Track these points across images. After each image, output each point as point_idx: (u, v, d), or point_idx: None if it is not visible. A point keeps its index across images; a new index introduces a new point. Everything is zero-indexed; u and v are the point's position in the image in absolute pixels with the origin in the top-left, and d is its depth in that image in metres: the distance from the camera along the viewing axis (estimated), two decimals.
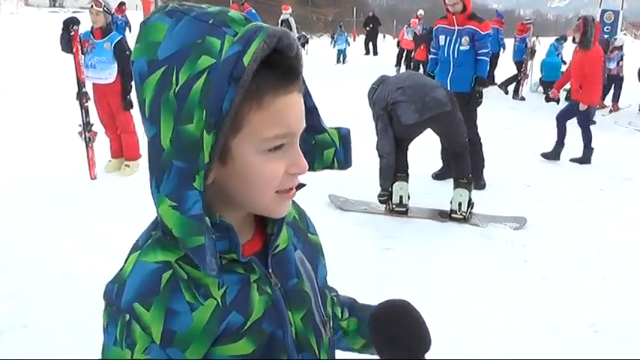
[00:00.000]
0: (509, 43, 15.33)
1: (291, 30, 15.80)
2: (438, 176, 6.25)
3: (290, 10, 17.79)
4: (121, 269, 0.85)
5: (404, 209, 5.09)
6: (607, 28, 14.67)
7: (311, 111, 0.93)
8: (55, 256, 4.01)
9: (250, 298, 0.86)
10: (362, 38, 36.82)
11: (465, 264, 4.23)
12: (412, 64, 16.26)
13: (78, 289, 3.57)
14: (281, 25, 16.29)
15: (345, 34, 22.47)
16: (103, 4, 5.66)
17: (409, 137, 5.03)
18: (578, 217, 5.39)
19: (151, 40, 0.76)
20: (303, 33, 14.91)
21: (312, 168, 0.95)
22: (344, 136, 0.98)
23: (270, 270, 0.91)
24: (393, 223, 4.95)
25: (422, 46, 14.42)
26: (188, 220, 0.75)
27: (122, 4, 16.49)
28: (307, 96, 0.92)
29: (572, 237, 4.88)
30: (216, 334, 0.82)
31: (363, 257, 4.25)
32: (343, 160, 0.98)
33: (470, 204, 5.04)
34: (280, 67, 0.78)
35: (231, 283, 0.85)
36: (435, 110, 4.71)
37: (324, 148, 0.97)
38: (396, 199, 5.06)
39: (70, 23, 5.45)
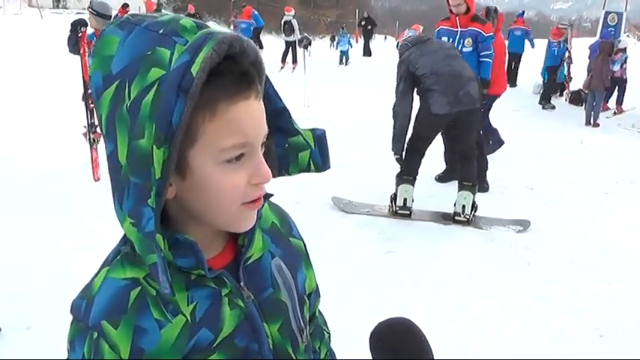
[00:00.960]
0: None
1: (293, 32, 15.88)
2: (441, 178, 6.24)
3: (293, 12, 17.76)
4: (89, 283, 0.86)
5: (407, 212, 5.08)
6: (610, 30, 14.64)
7: (281, 113, 0.91)
8: (57, 256, 4.01)
9: (221, 314, 0.85)
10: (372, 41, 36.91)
11: (468, 267, 4.22)
12: None
13: (81, 289, 3.57)
14: (284, 26, 16.32)
15: (348, 35, 22.42)
16: (96, 7, 5.69)
17: (431, 132, 5.06)
18: (581, 220, 5.38)
19: (105, 53, 0.75)
20: (306, 34, 14.82)
21: (287, 172, 0.94)
22: (319, 137, 0.94)
23: (242, 283, 0.88)
24: (396, 225, 4.94)
25: None
26: (144, 237, 0.74)
27: (126, 5, 16.54)
28: (276, 98, 0.90)
29: (576, 240, 4.87)
30: (184, 351, 0.81)
31: (365, 260, 4.24)
32: (320, 162, 0.94)
33: (474, 207, 5.02)
34: (232, 74, 0.75)
35: (201, 299, 0.83)
36: (465, 106, 4.79)
37: (299, 150, 0.93)
38: (400, 202, 5.06)
39: (78, 25, 5.46)
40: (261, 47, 17.45)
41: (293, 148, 0.93)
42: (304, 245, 1.07)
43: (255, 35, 17.53)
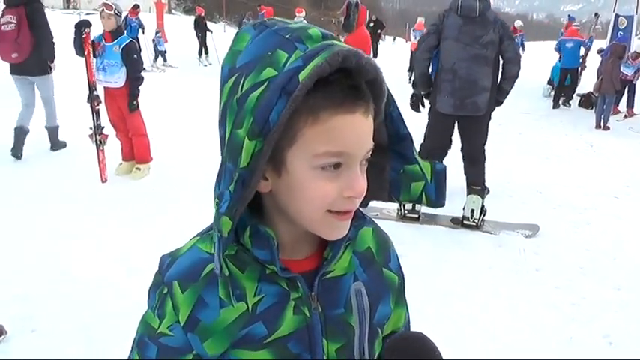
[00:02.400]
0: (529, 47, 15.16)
1: None
2: None
3: (303, 13, 17.79)
4: (181, 246, 0.92)
5: (416, 216, 5.06)
6: (620, 34, 14.53)
7: (404, 139, 0.91)
8: (62, 258, 4.01)
9: (282, 315, 0.86)
10: (381, 43, 36.43)
11: (477, 272, 4.19)
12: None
13: (86, 291, 3.57)
14: None
15: None
16: (114, 7, 5.66)
17: (438, 130, 5.05)
18: (591, 225, 5.34)
19: (236, 49, 0.80)
20: None
21: (398, 199, 0.94)
22: (438, 172, 0.94)
23: (313, 293, 0.89)
24: (405, 229, 4.91)
25: None
26: (217, 217, 0.78)
27: (136, 6, 16.58)
28: (400, 123, 0.90)
29: (586, 245, 4.82)
30: (236, 337, 0.84)
31: None
32: (434, 198, 0.94)
33: (482, 211, 4.99)
34: (340, 86, 0.76)
35: (269, 294, 0.85)
36: (467, 112, 4.86)
37: (413, 180, 0.93)
38: (408, 206, 5.03)
39: (82, 26, 5.46)
40: None
41: (408, 177, 0.93)
42: (399, 281, 1.06)
43: None
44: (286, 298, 0.86)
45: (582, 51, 13.16)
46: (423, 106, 5.50)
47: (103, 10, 5.63)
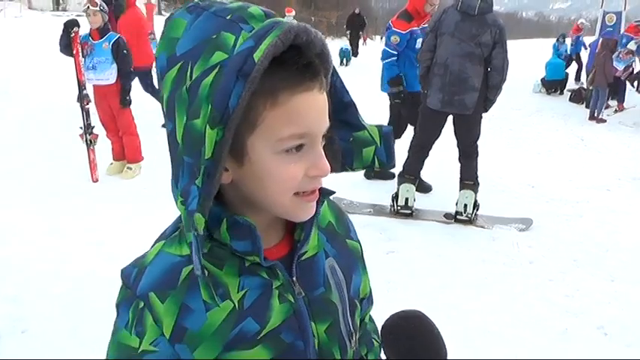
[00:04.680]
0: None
1: None
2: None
3: (293, 13, 17.76)
4: (143, 255, 0.86)
5: (409, 211, 5.04)
6: (609, 30, 14.60)
7: (348, 106, 0.90)
8: (53, 258, 3.97)
9: (270, 306, 0.84)
10: (370, 42, 36.25)
11: (471, 266, 4.18)
12: None
13: (77, 291, 3.54)
14: None
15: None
16: (99, 3, 5.62)
17: (429, 125, 5.02)
18: (584, 218, 5.34)
19: (172, 35, 0.76)
20: None
21: (351, 167, 0.93)
22: (385, 133, 0.93)
23: (294, 278, 0.88)
24: (398, 225, 4.89)
25: None
26: (187, 215, 0.73)
27: None
28: (343, 91, 0.89)
29: (579, 238, 4.83)
30: (228, 338, 0.80)
31: (367, 260, 4.12)
32: (385, 159, 0.93)
33: (475, 205, 4.98)
34: (296, 64, 0.74)
35: (252, 288, 0.83)
36: (455, 110, 4.83)
37: (363, 145, 0.92)
38: (401, 201, 5.02)
39: (70, 25, 5.42)
40: None
41: (358, 143, 0.92)
42: (361, 248, 1.07)
43: None
44: (270, 288, 0.84)
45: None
46: (405, 98, 5.66)
47: (88, 7, 5.57)
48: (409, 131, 5.59)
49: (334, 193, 0.90)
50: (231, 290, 0.81)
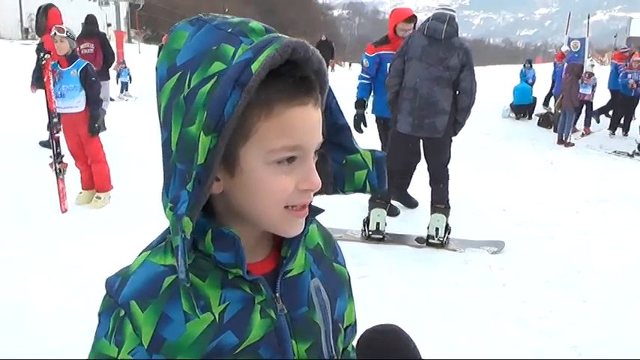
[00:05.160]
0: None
1: None
2: None
3: None
4: (128, 265, 0.86)
5: (380, 236, 5.04)
6: (575, 55, 14.97)
7: (342, 129, 0.91)
8: (22, 290, 3.86)
9: (250, 320, 0.83)
10: (338, 68, 36.49)
11: (443, 290, 4.17)
12: None
13: (45, 327, 3.44)
14: None
15: None
16: (66, 30, 5.57)
17: (400, 150, 5.00)
18: (555, 240, 5.40)
19: (173, 47, 0.78)
20: None
21: (342, 190, 0.93)
22: (378, 158, 0.93)
23: (277, 294, 0.87)
24: (370, 250, 4.88)
25: None
26: (175, 219, 0.74)
27: None
28: (338, 113, 0.90)
29: (551, 260, 4.86)
30: (206, 350, 0.79)
31: None
32: (376, 184, 0.93)
33: (447, 229, 5.00)
34: (292, 78, 0.76)
35: (234, 301, 0.82)
36: (425, 133, 4.85)
37: (356, 169, 0.92)
38: (372, 226, 5.01)
39: (42, 50, 5.37)
40: None
41: (350, 166, 0.92)
42: (348, 274, 1.07)
43: None
44: (252, 303, 0.84)
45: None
46: (365, 125, 5.72)
47: (55, 33, 5.52)
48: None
49: (323, 211, 0.90)
50: (213, 302, 0.80)
